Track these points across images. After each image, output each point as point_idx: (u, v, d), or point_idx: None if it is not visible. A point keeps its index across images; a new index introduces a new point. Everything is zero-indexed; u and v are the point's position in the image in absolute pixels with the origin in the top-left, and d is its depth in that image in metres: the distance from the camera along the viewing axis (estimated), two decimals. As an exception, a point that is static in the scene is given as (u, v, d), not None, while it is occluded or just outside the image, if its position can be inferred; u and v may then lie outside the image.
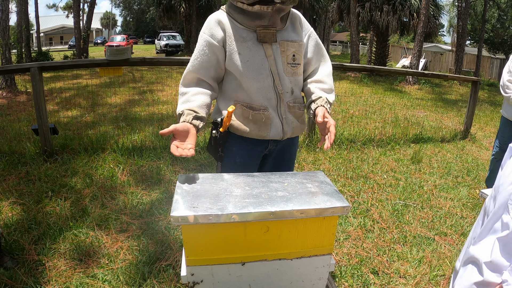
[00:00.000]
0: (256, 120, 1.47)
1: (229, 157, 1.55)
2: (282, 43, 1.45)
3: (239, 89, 1.47)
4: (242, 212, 1.08)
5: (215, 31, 1.42)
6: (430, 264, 2.32)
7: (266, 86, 1.45)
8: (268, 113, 1.47)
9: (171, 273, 2.09)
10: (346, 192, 3.33)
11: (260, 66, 1.43)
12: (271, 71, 1.44)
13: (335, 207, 1.14)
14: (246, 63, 1.42)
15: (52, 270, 2.09)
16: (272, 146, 1.57)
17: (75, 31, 14.81)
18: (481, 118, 7.37)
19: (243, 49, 1.42)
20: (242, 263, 1.17)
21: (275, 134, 1.51)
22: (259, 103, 1.46)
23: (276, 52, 1.44)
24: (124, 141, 4.14)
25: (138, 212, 2.75)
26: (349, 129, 5.32)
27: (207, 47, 1.43)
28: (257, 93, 1.45)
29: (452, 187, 3.63)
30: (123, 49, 3.58)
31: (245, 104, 1.47)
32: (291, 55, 1.47)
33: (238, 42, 1.41)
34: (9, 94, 7.26)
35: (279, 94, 1.48)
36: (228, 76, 1.49)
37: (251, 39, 1.43)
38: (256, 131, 1.49)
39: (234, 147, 1.54)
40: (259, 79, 1.44)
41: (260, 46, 1.43)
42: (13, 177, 3.24)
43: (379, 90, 10.50)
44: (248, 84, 1.44)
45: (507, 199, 0.93)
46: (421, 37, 11.68)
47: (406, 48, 22.70)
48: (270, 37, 1.43)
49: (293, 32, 1.50)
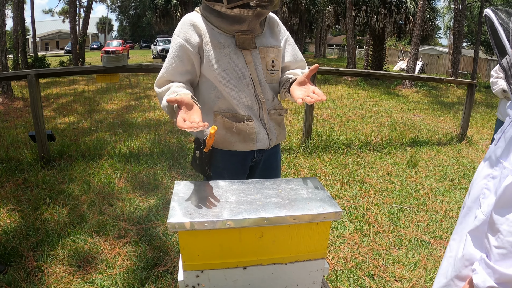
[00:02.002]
0: (240, 131, 1.41)
1: (217, 174, 1.48)
2: (262, 49, 1.39)
3: (219, 99, 1.39)
4: (237, 219, 1.11)
5: (190, 36, 1.34)
6: (426, 267, 2.34)
7: (248, 95, 1.39)
8: (252, 122, 1.41)
9: (169, 278, 2.11)
10: (342, 196, 3.35)
11: (240, 74, 1.37)
12: (251, 78, 1.38)
13: (327, 213, 1.16)
14: (225, 71, 1.35)
15: (51, 276, 2.11)
16: (257, 157, 1.53)
17: (71, 36, 14.86)
18: (478, 121, 7.41)
19: (222, 56, 1.34)
20: (237, 268, 1.20)
21: (261, 144, 1.46)
22: (242, 112, 1.40)
23: (256, 59, 1.39)
24: (121, 148, 4.16)
25: (136, 218, 2.77)
26: (346, 134, 5.35)
27: (182, 52, 1.34)
28: (238, 102, 1.39)
29: (448, 190, 3.66)
30: (119, 56, 3.60)
31: (226, 115, 1.40)
32: (270, 61, 1.42)
33: (216, 48, 1.34)
34: (5, 100, 7.26)
35: (261, 102, 1.42)
36: (205, 84, 1.40)
37: (230, 45, 1.35)
38: (241, 143, 1.43)
39: (221, 164, 1.48)
40: (240, 87, 1.37)
41: (239, 53, 1.36)
42: (10, 184, 3.26)
43: (376, 93, 10.55)
44: (229, 93, 1.37)
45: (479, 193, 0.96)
46: (417, 40, 11.76)
47: (402, 51, 22.84)
48: (249, 43, 1.36)
49: (272, 38, 1.45)
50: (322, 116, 6.73)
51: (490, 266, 0.84)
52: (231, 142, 1.43)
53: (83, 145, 4.14)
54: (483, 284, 0.85)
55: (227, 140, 1.43)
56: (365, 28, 15.63)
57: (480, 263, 0.88)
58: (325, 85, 11.32)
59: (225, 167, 1.48)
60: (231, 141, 1.43)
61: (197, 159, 1.47)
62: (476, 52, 16.20)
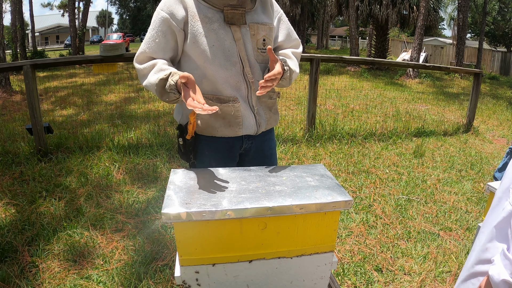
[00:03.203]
0: (225, 114, 1.30)
1: (203, 162, 1.38)
2: (252, 25, 1.30)
3: (203, 79, 1.28)
4: (237, 208, 1.01)
5: (175, 10, 1.23)
6: (436, 260, 2.24)
7: (235, 74, 1.28)
8: (238, 104, 1.31)
9: (168, 273, 2.02)
10: (348, 187, 3.26)
11: (228, 51, 1.26)
12: (240, 57, 1.28)
13: (337, 202, 1.07)
14: (212, 47, 1.24)
15: (46, 271, 2.03)
16: (247, 144, 1.42)
17: (71, 29, 14.72)
18: (484, 111, 7.29)
19: (209, 31, 1.24)
20: (238, 262, 1.10)
21: (248, 128, 1.35)
22: (227, 93, 1.29)
23: (245, 36, 1.29)
24: (120, 139, 4.06)
25: (134, 211, 2.68)
26: (350, 124, 5.25)
27: (165, 27, 1.24)
28: (224, 82, 1.28)
29: (456, 181, 3.55)
30: (116, 45, 3.50)
31: (210, 96, 1.28)
32: (261, 39, 1.31)
33: (202, 23, 1.24)
34: (3, 94, 7.19)
35: (249, 83, 1.31)
36: (187, 64, 1.30)
37: (218, 20, 1.25)
38: (226, 128, 1.33)
39: (207, 151, 1.37)
40: (226, 66, 1.27)
41: (227, 29, 1.26)
42: (7, 178, 3.17)
43: (380, 84, 10.41)
44: (214, 72, 1.26)
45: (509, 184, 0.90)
46: (421, 30, 11.58)
47: (406, 42, 22.59)
48: (238, 19, 1.27)
49: (263, 14, 1.35)
50: (326, 106, 6.62)
51: (508, 258, 0.79)
52: (215, 127, 1.33)
53: (81, 137, 4.05)
54: (497, 277, 0.79)
55: (211, 125, 1.32)
56: (368, 19, 15.42)
57: (500, 254, 0.83)
58: (328, 75, 11.20)
59: (211, 155, 1.38)
60: (215, 126, 1.32)
61: (181, 147, 1.37)
62: (481, 43, 16.00)
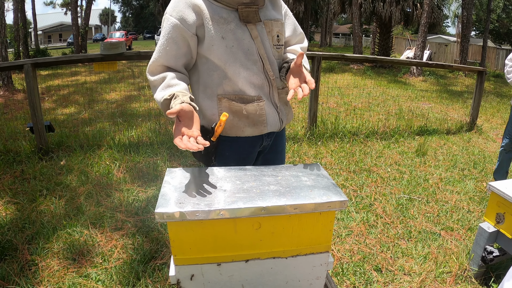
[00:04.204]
0: (249, 113, 1.29)
1: (222, 163, 1.36)
2: (267, 22, 1.29)
3: (224, 80, 1.26)
4: (231, 208, 1.01)
5: (186, 15, 1.20)
6: (436, 261, 2.22)
7: (256, 73, 1.28)
8: (263, 103, 1.30)
9: (166, 272, 2.02)
10: (349, 186, 3.24)
11: (247, 50, 1.25)
12: (259, 54, 1.27)
13: (332, 202, 1.05)
14: (231, 48, 1.23)
15: (45, 270, 2.03)
16: (266, 141, 1.42)
17: (73, 27, 14.74)
18: (488, 110, 7.22)
19: (226, 32, 1.22)
20: (233, 262, 1.09)
21: (272, 126, 1.36)
22: (250, 93, 1.28)
23: (262, 33, 1.28)
24: (120, 137, 4.07)
25: (134, 210, 2.68)
26: (352, 122, 5.22)
27: (176, 33, 1.21)
28: (247, 82, 1.27)
29: (458, 180, 3.52)
30: (117, 43, 3.49)
31: (232, 97, 1.27)
32: (275, 35, 1.31)
33: (219, 24, 1.21)
34: (6, 92, 7.21)
35: (270, 80, 1.31)
36: (205, 66, 1.27)
37: (233, 20, 1.23)
38: (251, 128, 1.32)
39: (227, 152, 1.36)
40: (248, 65, 1.26)
41: (244, 28, 1.24)
42: (8, 176, 3.18)
43: (383, 82, 10.36)
44: (236, 73, 1.25)
45: None
46: (425, 28, 11.49)
47: (410, 40, 22.45)
48: (253, 16, 1.25)
49: (274, 10, 1.35)
50: (328, 104, 6.59)
51: None
52: (240, 127, 1.31)
53: (82, 136, 4.06)
54: None
55: (236, 125, 1.31)
56: (372, 16, 15.32)
57: None
58: (331, 73, 11.15)
59: (231, 156, 1.37)
60: (239, 126, 1.31)
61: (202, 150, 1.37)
62: (485, 40, 15.85)
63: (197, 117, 1.13)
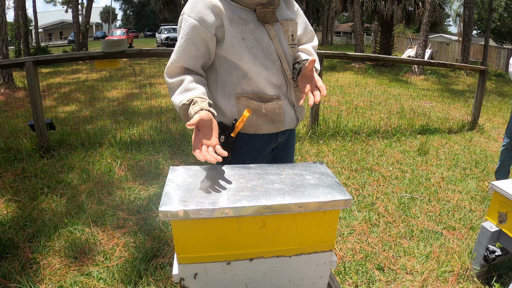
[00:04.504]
0: (268, 112, 1.32)
1: (238, 159, 1.38)
2: (283, 22, 1.31)
3: (243, 80, 1.28)
4: (235, 207, 1.00)
5: (206, 15, 1.20)
6: (438, 260, 2.21)
7: (275, 72, 1.30)
8: (281, 102, 1.33)
9: (168, 270, 2.02)
10: (351, 185, 3.23)
11: (267, 50, 1.27)
12: (277, 54, 1.30)
13: (336, 200, 1.04)
14: (251, 49, 1.25)
15: (46, 268, 2.02)
16: (281, 138, 1.45)
17: (74, 25, 14.70)
18: (489, 109, 7.21)
19: (246, 33, 1.24)
20: (236, 261, 1.09)
21: (289, 123, 1.39)
22: (269, 92, 1.31)
23: (279, 33, 1.30)
24: (122, 135, 4.06)
25: (135, 208, 2.68)
26: (354, 120, 5.21)
27: (195, 34, 1.21)
28: (267, 81, 1.29)
29: (460, 179, 3.51)
30: (118, 41, 3.48)
31: (251, 96, 1.29)
32: (291, 35, 1.34)
33: (238, 25, 1.23)
34: (7, 90, 7.20)
35: (288, 79, 1.34)
36: (224, 65, 1.28)
37: (252, 20, 1.25)
38: (269, 125, 1.34)
39: (244, 149, 1.37)
40: (267, 65, 1.28)
41: (262, 28, 1.26)
42: (9, 174, 3.18)
43: (384, 81, 10.34)
44: (256, 73, 1.27)
45: None
46: (426, 27, 11.46)
47: (411, 39, 22.39)
48: (270, 17, 1.27)
49: (288, 10, 1.37)
50: (330, 103, 6.57)
51: None
52: (258, 125, 1.33)
53: (84, 134, 4.05)
54: None
55: (254, 123, 1.33)
56: (373, 15, 15.28)
57: None
58: (332, 72, 11.13)
59: (247, 152, 1.39)
60: (258, 124, 1.33)
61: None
62: (487, 39, 15.81)
63: (216, 124, 1.14)
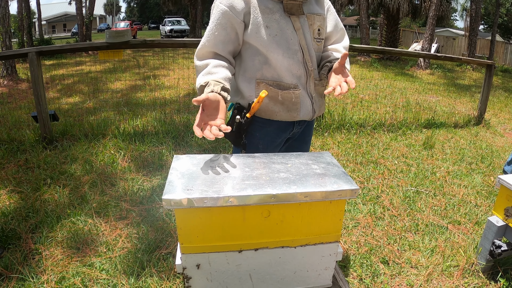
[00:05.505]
0: (284, 100, 1.35)
1: (251, 143, 1.42)
2: (310, 16, 1.35)
3: (264, 66, 1.33)
4: (240, 195, 0.98)
5: (235, 2, 1.26)
6: (443, 254, 2.19)
7: (296, 62, 1.33)
8: (298, 91, 1.36)
9: (171, 261, 2.00)
10: (355, 177, 3.20)
11: (290, 40, 1.31)
12: (300, 45, 1.33)
13: (343, 190, 1.02)
14: (274, 37, 1.29)
15: (49, 259, 2.01)
16: (297, 128, 1.47)
17: (77, 17, 14.64)
18: (495, 104, 7.13)
19: (271, 21, 1.28)
20: (240, 251, 1.07)
21: (305, 114, 1.41)
22: (288, 81, 1.34)
23: (304, 26, 1.34)
24: (125, 127, 4.04)
25: (139, 199, 2.66)
26: (359, 113, 5.16)
27: (225, 19, 1.27)
28: (286, 70, 1.33)
29: (466, 174, 3.47)
30: (122, 32, 3.45)
31: (270, 82, 1.34)
32: (316, 29, 1.38)
33: (264, 14, 1.27)
34: (10, 82, 7.20)
35: (308, 71, 1.37)
36: (248, 50, 1.33)
37: (278, 11, 1.29)
38: (284, 113, 1.38)
39: (258, 133, 1.42)
40: (289, 54, 1.31)
41: (288, 19, 1.31)
42: (12, 165, 3.17)
43: (390, 74, 10.25)
44: (277, 61, 1.31)
45: None
46: (433, 21, 11.33)
47: (417, 33, 22.16)
48: (297, 9, 1.31)
49: (317, 5, 1.41)
50: (335, 95, 6.52)
51: None
52: (274, 111, 1.38)
53: (87, 125, 4.04)
54: None
55: (270, 109, 1.37)
56: (379, 8, 15.13)
57: None
58: (336, 66, 11.01)
59: (261, 137, 1.43)
60: (274, 110, 1.37)
61: (234, 125, 1.39)
62: (493, 34, 15.62)
63: (224, 106, 1.16)
